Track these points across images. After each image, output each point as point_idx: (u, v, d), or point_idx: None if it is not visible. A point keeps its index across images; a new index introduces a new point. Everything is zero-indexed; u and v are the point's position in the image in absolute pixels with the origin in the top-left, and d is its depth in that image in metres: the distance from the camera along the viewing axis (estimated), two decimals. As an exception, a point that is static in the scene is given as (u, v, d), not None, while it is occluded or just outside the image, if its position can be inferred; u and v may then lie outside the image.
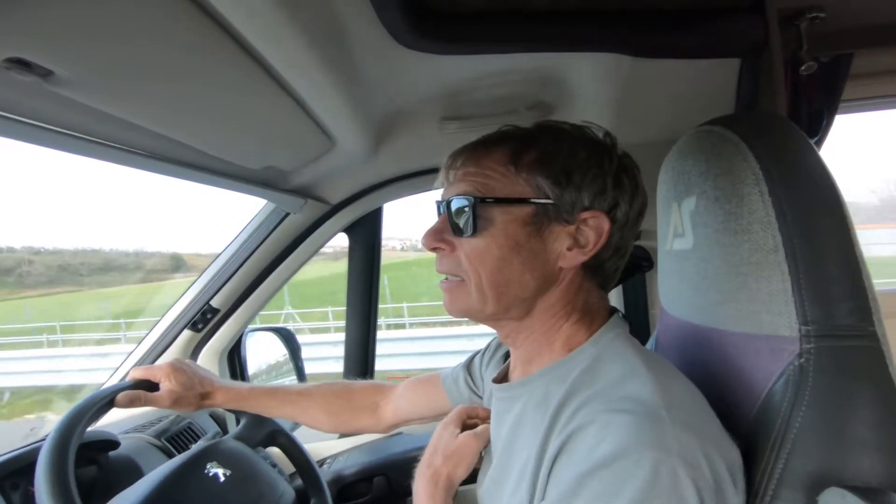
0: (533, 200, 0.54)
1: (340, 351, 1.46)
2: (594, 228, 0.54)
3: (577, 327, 0.58)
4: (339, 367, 1.48)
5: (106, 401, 0.79)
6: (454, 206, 0.56)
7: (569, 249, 0.55)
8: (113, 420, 1.14)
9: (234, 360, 1.39)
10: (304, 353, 1.50)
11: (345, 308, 1.42)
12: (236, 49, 0.55)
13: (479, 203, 0.54)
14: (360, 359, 1.42)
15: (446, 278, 0.59)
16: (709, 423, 0.48)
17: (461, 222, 0.55)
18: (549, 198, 0.54)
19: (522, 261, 0.55)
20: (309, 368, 1.52)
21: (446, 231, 0.58)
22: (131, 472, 0.94)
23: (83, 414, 0.74)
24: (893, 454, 0.44)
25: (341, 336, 1.46)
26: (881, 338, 0.46)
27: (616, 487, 0.42)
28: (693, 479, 0.42)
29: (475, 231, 0.55)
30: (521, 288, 0.56)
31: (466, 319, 0.64)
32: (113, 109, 0.61)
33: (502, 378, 0.68)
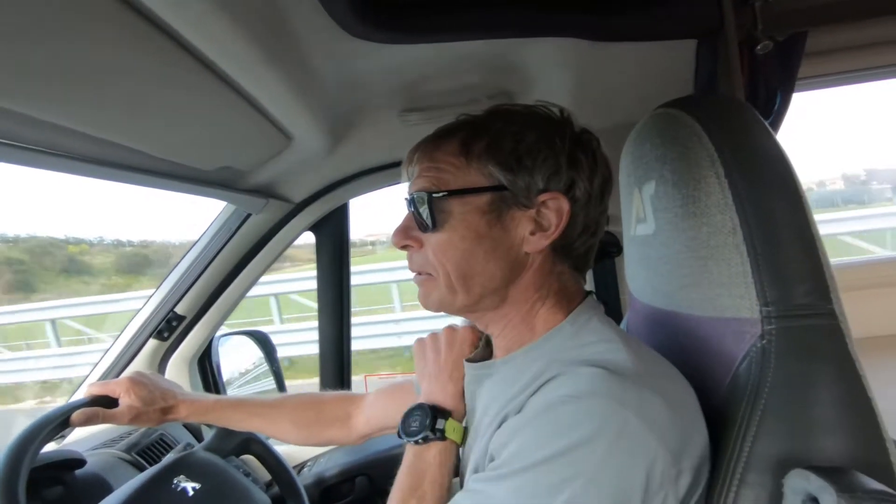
0: (486, 188, 0.54)
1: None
2: (554, 210, 0.54)
3: (555, 310, 0.57)
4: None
5: (59, 420, 0.75)
6: (415, 202, 0.56)
7: (532, 234, 0.54)
8: (81, 436, 1.10)
9: (206, 367, 1.36)
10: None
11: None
12: (172, 46, 0.52)
13: (435, 197, 0.54)
14: (336, 358, 1.40)
15: (419, 273, 0.59)
16: (677, 391, 0.49)
17: (423, 218, 0.55)
18: (502, 184, 0.54)
19: (486, 250, 0.54)
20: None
21: (412, 228, 0.58)
22: (100, 489, 0.91)
23: (35, 435, 0.71)
24: (855, 433, 0.44)
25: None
26: (839, 315, 0.46)
27: (561, 426, 0.43)
28: (647, 431, 0.43)
29: (436, 225, 0.55)
30: (489, 277, 0.55)
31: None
32: (50, 116, 0.58)
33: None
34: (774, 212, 0.47)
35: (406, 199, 0.59)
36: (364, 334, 5.43)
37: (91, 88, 0.56)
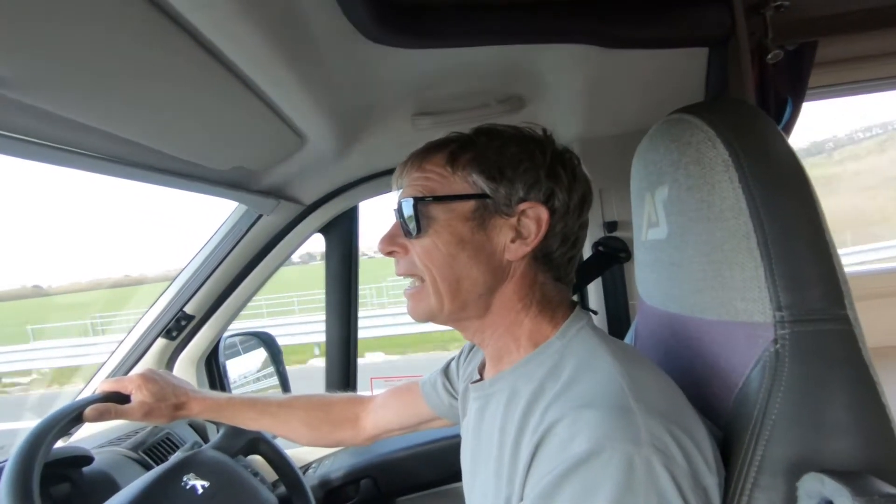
0: (469, 196, 0.56)
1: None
2: (534, 219, 0.56)
3: (539, 320, 0.58)
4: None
5: (73, 415, 0.76)
6: (402, 209, 0.58)
7: (512, 241, 0.56)
8: (87, 434, 1.10)
9: (213, 368, 1.36)
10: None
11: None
12: (194, 46, 0.53)
13: (421, 203, 0.57)
14: (342, 359, 1.40)
15: (411, 285, 0.61)
16: (677, 407, 0.49)
17: (410, 224, 0.58)
18: (485, 192, 0.56)
19: (469, 255, 0.56)
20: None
21: (399, 235, 0.60)
22: (107, 487, 0.91)
23: (48, 430, 0.71)
24: (870, 437, 0.44)
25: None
26: (853, 321, 0.46)
27: (593, 486, 0.42)
28: (667, 467, 0.42)
29: (421, 230, 0.57)
30: (472, 283, 0.57)
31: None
32: (68, 112, 0.59)
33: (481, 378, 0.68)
34: (788, 217, 0.47)
35: (395, 208, 0.61)
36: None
37: (113, 86, 0.57)
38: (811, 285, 0.46)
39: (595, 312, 0.62)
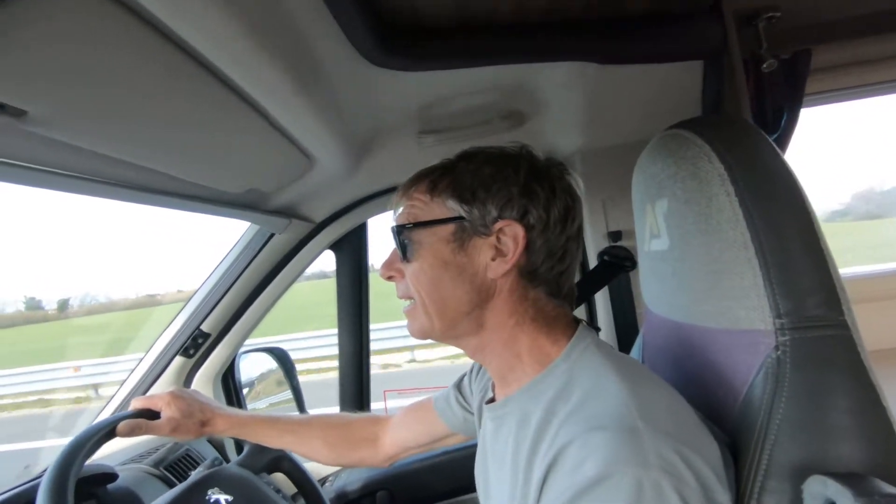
0: (447, 220, 0.59)
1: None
2: (511, 237, 0.57)
3: (535, 336, 0.59)
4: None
5: (107, 430, 0.78)
6: (394, 237, 0.61)
7: (493, 259, 0.58)
8: (108, 452, 1.13)
9: (229, 384, 1.38)
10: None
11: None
12: (210, 78, 0.56)
13: (406, 230, 0.60)
14: (355, 375, 1.42)
15: (409, 304, 0.64)
16: (686, 426, 0.49)
17: (401, 250, 0.61)
18: (460, 215, 0.58)
19: (452, 276, 0.58)
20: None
21: (395, 260, 0.63)
22: (131, 503, 0.93)
23: (82, 445, 0.73)
24: (871, 439, 0.45)
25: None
26: (851, 325, 0.47)
27: None
28: (677, 489, 0.42)
29: (410, 256, 0.60)
30: (458, 302, 0.59)
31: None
32: (89, 144, 0.62)
33: (494, 397, 0.68)
34: (784, 227, 0.49)
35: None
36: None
37: (133, 118, 0.59)
38: (809, 292, 0.47)
39: (599, 329, 0.63)
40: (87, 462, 0.95)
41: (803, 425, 0.46)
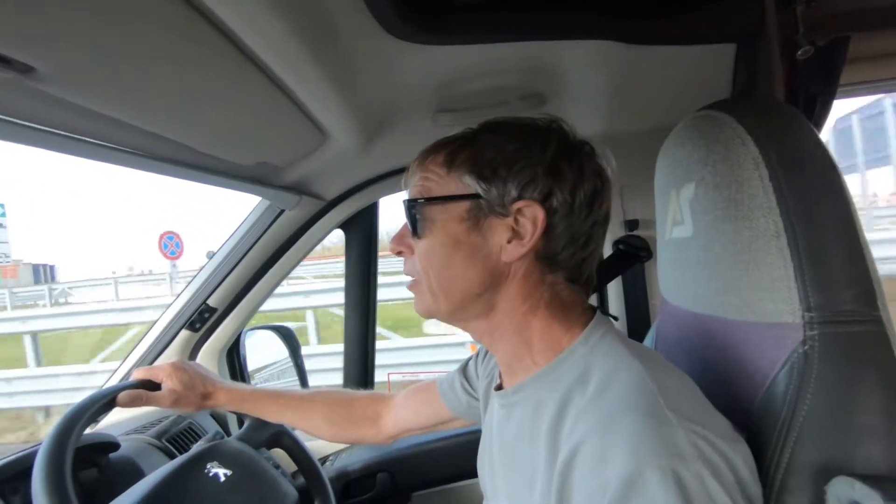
0: (462, 196, 0.55)
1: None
2: (530, 219, 0.53)
3: (549, 322, 0.56)
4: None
5: (107, 400, 0.78)
6: (405, 211, 0.58)
7: (508, 242, 0.54)
8: (112, 422, 1.13)
9: (234, 360, 1.39)
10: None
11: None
12: (224, 43, 0.54)
13: (418, 205, 0.57)
14: (361, 355, 1.41)
15: (412, 280, 0.61)
16: (714, 416, 0.47)
17: (412, 226, 0.58)
18: (477, 193, 0.55)
19: (464, 256, 0.55)
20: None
21: (406, 235, 0.60)
22: (132, 473, 0.93)
23: (82, 414, 0.73)
24: None
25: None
26: (886, 322, 0.45)
27: None
28: (718, 480, 0.40)
29: (421, 232, 0.57)
30: (468, 283, 0.56)
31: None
32: (98, 106, 0.60)
33: (502, 384, 0.67)
34: (820, 216, 0.46)
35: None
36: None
37: (143, 80, 0.58)
38: (843, 286, 0.45)
39: (616, 318, 0.61)
40: (91, 431, 0.96)
41: (829, 423, 0.45)
